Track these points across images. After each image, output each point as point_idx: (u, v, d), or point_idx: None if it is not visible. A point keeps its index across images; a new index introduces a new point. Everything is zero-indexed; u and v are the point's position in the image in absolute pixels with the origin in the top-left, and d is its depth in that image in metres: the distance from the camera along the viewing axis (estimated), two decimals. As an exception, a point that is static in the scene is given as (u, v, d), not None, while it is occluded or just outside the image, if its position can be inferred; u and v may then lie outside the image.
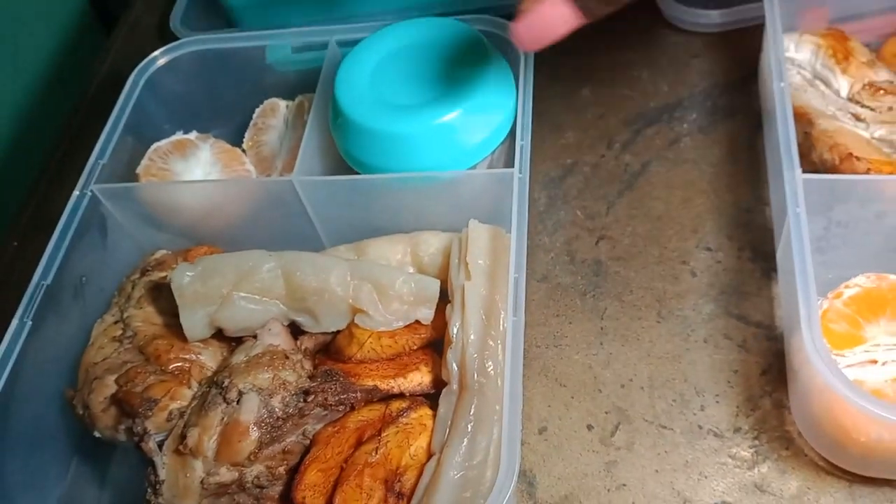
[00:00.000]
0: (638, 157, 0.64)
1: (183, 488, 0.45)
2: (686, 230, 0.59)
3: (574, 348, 0.54)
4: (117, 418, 0.48)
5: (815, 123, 0.53)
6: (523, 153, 0.51)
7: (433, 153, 0.53)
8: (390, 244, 0.55)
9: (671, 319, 0.54)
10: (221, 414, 0.46)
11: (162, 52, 0.63)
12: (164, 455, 0.46)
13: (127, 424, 0.48)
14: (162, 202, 0.56)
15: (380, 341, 0.51)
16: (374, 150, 0.54)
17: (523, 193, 0.50)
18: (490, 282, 0.49)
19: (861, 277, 0.46)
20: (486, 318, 0.48)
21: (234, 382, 0.47)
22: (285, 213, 0.55)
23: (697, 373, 0.51)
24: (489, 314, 0.48)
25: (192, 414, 0.47)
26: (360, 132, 0.54)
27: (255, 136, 0.63)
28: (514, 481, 0.39)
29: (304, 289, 0.51)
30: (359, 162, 0.56)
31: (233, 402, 0.46)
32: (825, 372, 0.39)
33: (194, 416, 0.47)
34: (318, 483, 0.45)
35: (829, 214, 0.49)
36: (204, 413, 0.46)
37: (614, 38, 0.72)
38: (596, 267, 0.58)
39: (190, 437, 0.45)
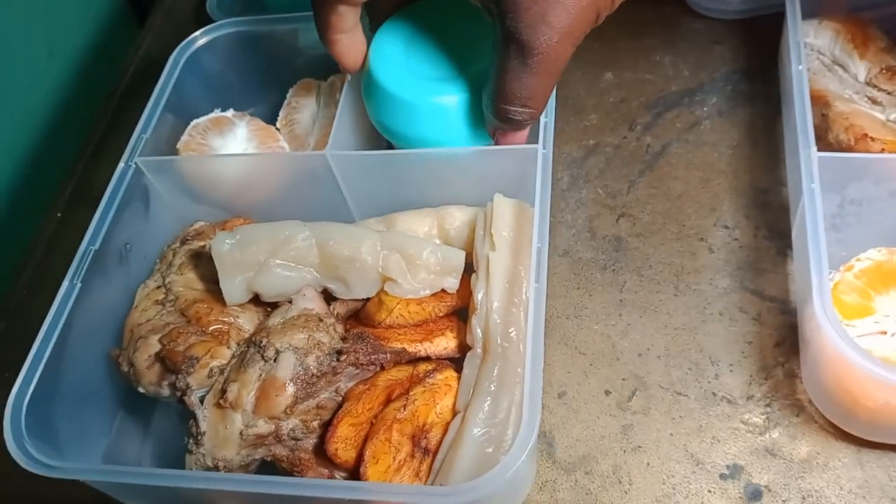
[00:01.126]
0: (658, 139, 0.66)
1: (223, 439, 0.48)
2: (704, 209, 0.61)
3: (594, 319, 0.56)
4: (161, 375, 0.51)
5: (832, 105, 0.55)
6: (547, 130, 0.53)
7: (462, 124, 0.55)
8: (418, 217, 0.58)
9: (688, 293, 0.56)
10: (260, 371, 0.49)
11: (202, 32, 0.66)
12: (206, 408, 0.49)
13: (170, 380, 0.51)
14: (201, 175, 0.59)
15: (408, 308, 0.53)
16: (407, 120, 0.56)
17: (547, 168, 0.52)
18: (514, 252, 0.52)
19: (872, 251, 0.48)
20: (510, 287, 0.50)
21: (271, 342, 0.50)
22: (318, 186, 0.58)
23: (713, 343, 0.53)
24: (513, 283, 0.50)
25: (232, 371, 0.50)
26: (396, 103, 0.56)
27: (288, 115, 0.66)
28: (534, 437, 0.41)
29: (336, 257, 0.53)
30: (392, 131, 0.57)
31: (270, 359, 0.49)
32: (834, 338, 0.41)
33: (234, 372, 0.49)
34: (349, 436, 0.47)
35: (843, 192, 0.51)
36: (243, 370, 0.49)
37: (637, 24, 0.74)
38: (616, 243, 0.60)
39: (230, 392, 0.48)
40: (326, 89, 0.66)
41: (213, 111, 0.65)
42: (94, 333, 0.54)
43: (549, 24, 0.45)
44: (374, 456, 0.46)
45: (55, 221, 0.73)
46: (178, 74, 0.64)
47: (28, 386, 0.47)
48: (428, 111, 0.55)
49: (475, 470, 0.44)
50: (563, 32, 0.46)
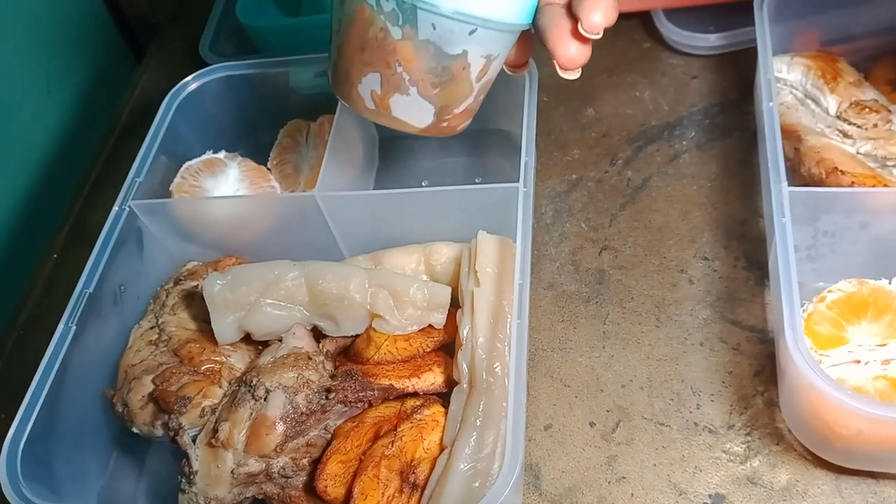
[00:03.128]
0: (639, 173, 0.67)
1: (215, 478, 0.49)
2: (684, 241, 0.62)
3: (578, 351, 0.57)
4: (154, 415, 0.52)
5: (803, 140, 0.57)
6: (527, 169, 0.55)
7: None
8: (405, 254, 0.59)
9: (669, 324, 0.57)
10: (250, 410, 0.50)
11: (193, 77, 0.68)
12: (198, 448, 0.50)
13: (163, 420, 0.52)
14: (193, 216, 0.61)
15: (395, 344, 0.54)
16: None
17: (527, 206, 0.53)
18: (497, 288, 0.53)
19: (843, 282, 0.49)
20: (494, 322, 0.51)
21: (261, 381, 0.51)
22: (308, 225, 0.59)
23: (694, 374, 0.55)
24: (497, 318, 0.52)
25: (223, 410, 0.51)
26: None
27: (279, 155, 0.68)
28: (517, 471, 0.42)
29: (325, 295, 0.55)
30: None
31: (260, 398, 0.50)
32: (805, 369, 0.42)
33: (225, 412, 0.51)
34: (338, 473, 0.48)
35: (815, 224, 0.53)
36: (234, 409, 0.50)
37: (617, 60, 0.76)
38: (599, 275, 0.61)
39: (221, 431, 0.49)
40: (315, 130, 0.68)
41: (205, 153, 0.67)
42: (90, 374, 0.55)
43: None
44: (363, 492, 0.47)
45: (52, 262, 0.74)
46: (170, 118, 0.66)
47: (24, 427, 0.48)
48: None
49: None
50: None
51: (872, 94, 0.60)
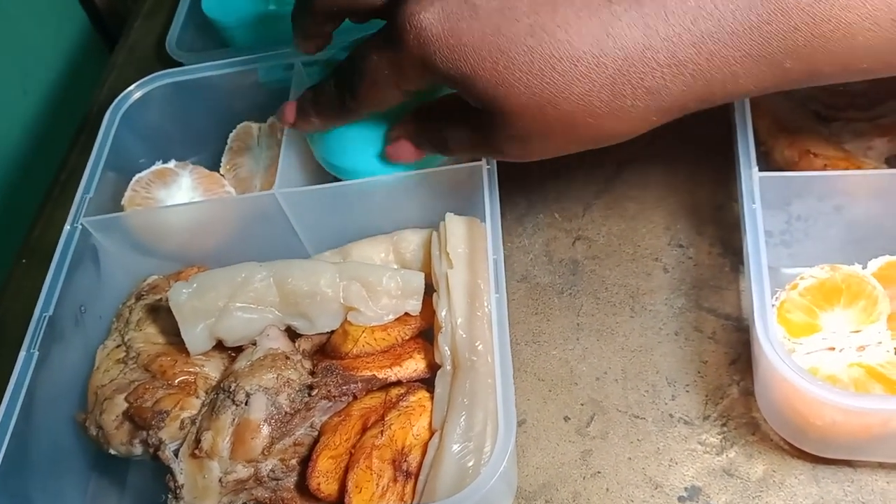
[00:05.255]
0: (614, 160, 0.66)
1: (202, 489, 0.47)
2: (659, 228, 0.61)
3: (552, 344, 0.56)
4: (131, 433, 0.51)
5: (776, 122, 0.56)
6: None
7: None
8: (373, 245, 0.58)
9: (644, 314, 0.57)
10: (232, 415, 0.48)
11: (136, 87, 0.66)
12: (181, 461, 0.48)
13: (141, 438, 0.50)
14: (149, 228, 0.59)
15: (373, 335, 0.54)
16: (348, 154, 0.57)
17: (493, 182, 0.53)
18: (470, 267, 0.52)
19: (816, 268, 0.48)
20: (471, 301, 0.51)
21: (240, 385, 0.50)
22: (270, 225, 0.58)
23: (669, 364, 0.54)
24: (473, 296, 0.51)
25: (204, 419, 0.49)
26: (333, 138, 0.57)
27: (231, 160, 0.66)
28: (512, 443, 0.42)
29: (296, 294, 0.53)
30: (336, 167, 0.59)
31: (241, 403, 0.49)
32: (776, 360, 0.41)
33: (206, 420, 0.49)
34: (329, 469, 0.47)
35: (788, 209, 0.52)
36: (215, 417, 0.49)
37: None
38: (573, 266, 0.60)
39: (204, 441, 0.48)
40: (266, 131, 0.67)
41: (155, 163, 0.65)
42: (58, 400, 0.53)
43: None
44: (357, 485, 0.46)
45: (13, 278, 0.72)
46: (115, 130, 0.64)
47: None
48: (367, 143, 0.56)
49: (458, 485, 0.45)
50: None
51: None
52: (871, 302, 0.46)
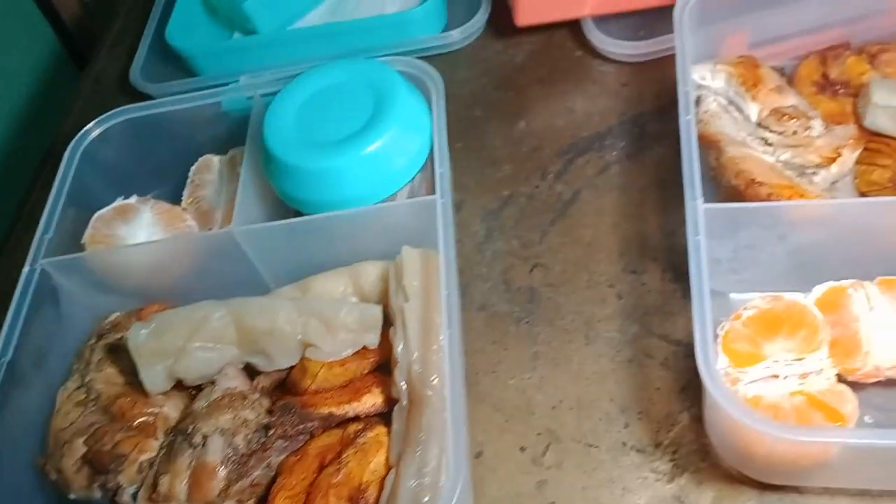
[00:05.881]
0: (570, 186, 0.67)
1: (161, 533, 0.48)
2: (614, 254, 0.62)
3: (509, 373, 0.57)
4: (91, 478, 0.51)
5: (724, 151, 0.57)
6: (443, 180, 0.55)
7: (359, 183, 0.58)
8: (332, 278, 0.59)
9: (599, 341, 0.57)
10: (189, 458, 0.49)
11: (94, 124, 0.66)
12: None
13: (100, 482, 0.50)
14: (110, 267, 0.59)
15: (331, 371, 0.54)
16: (306, 187, 0.58)
17: (447, 216, 0.54)
18: (426, 301, 0.53)
19: (758, 299, 0.49)
20: (427, 335, 0.52)
21: (197, 427, 0.50)
22: (229, 262, 0.58)
23: (622, 392, 0.55)
24: (429, 330, 0.52)
25: (162, 462, 0.50)
26: (291, 171, 0.58)
27: (193, 193, 0.67)
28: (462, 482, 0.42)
29: (254, 331, 0.54)
30: (295, 199, 0.59)
31: (198, 445, 0.49)
32: (717, 393, 0.42)
33: (163, 464, 0.50)
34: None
35: (735, 238, 0.53)
36: (172, 460, 0.49)
37: (549, 70, 0.76)
38: (530, 294, 0.61)
39: (162, 485, 0.48)
40: (227, 163, 0.67)
41: (116, 200, 0.65)
42: (19, 444, 0.53)
43: None
44: None
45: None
46: (75, 169, 0.64)
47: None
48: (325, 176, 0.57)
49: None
50: None
51: (793, 100, 0.60)
52: (812, 331, 0.48)
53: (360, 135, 0.57)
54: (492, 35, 0.79)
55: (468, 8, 0.80)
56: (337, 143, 0.57)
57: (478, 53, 0.79)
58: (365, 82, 0.60)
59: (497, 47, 0.79)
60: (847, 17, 0.66)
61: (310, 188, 0.58)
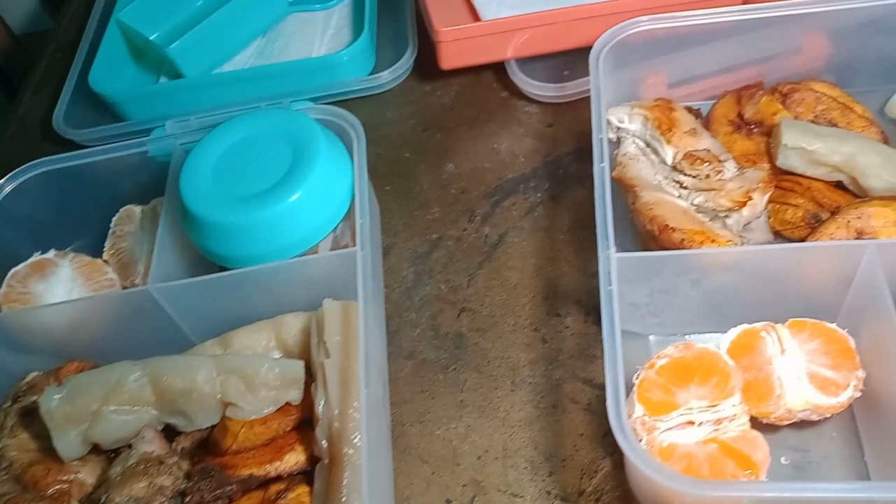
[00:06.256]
0: (496, 229, 0.67)
1: None
2: (538, 297, 0.62)
3: (436, 423, 0.57)
4: None
5: (639, 196, 0.58)
6: (363, 231, 0.55)
7: (278, 236, 0.57)
8: (255, 332, 0.58)
9: (524, 387, 0.58)
10: None
11: (7, 179, 0.65)
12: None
13: None
14: (25, 329, 0.58)
15: (252, 430, 0.53)
16: (225, 242, 0.57)
17: (366, 269, 0.53)
18: (347, 356, 0.53)
19: (670, 347, 0.50)
20: (348, 392, 0.51)
21: (111, 497, 0.49)
22: (148, 319, 0.57)
23: (547, 439, 0.55)
24: (349, 388, 0.51)
25: None
26: (208, 226, 0.57)
27: (114, 245, 0.65)
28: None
29: (172, 392, 0.53)
30: (214, 254, 0.59)
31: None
32: (627, 448, 0.43)
33: None
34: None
35: (650, 283, 0.54)
36: None
37: (477, 111, 0.76)
38: (458, 339, 0.61)
39: None
40: (149, 213, 0.66)
41: (33, 254, 0.64)
42: None
43: None
44: None
45: None
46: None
47: None
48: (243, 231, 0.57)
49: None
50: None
51: (707, 143, 0.61)
52: (724, 378, 0.48)
53: (279, 187, 0.57)
54: (421, 76, 0.80)
55: (397, 49, 0.81)
56: (255, 196, 0.57)
57: (407, 94, 0.80)
58: (283, 133, 0.59)
59: (426, 88, 0.80)
60: (761, 56, 0.69)
61: (228, 243, 0.57)
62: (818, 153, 0.59)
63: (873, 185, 0.58)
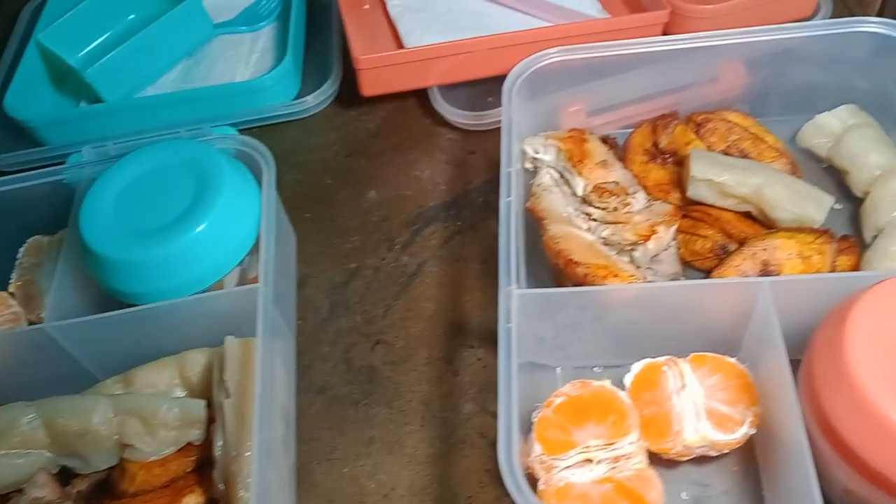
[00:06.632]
0: (415, 258, 0.67)
1: None
2: (453, 329, 0.62)
3: (344, 461, 0.56)
4: None
5: (547, 229, 0.58)
6: (266, 266, 0.54)
7: (180, 272, 0.56)
8: (159, 369, 0.57)
9: (434, 422, 0.57)
10: None
11: None
12: None
13: None
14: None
15: (151, 471, 0.52)
16: (124, 278, 0.56)
17: (267, 306, 0.52)
18: (248, 396, 0.51)
19: (568, 385, 0.50)
20: (246, 434, 0.50)
21: (-7, 548, 0.47)
22: (49, 357, 0.56)
23: (454, 475, 0.54)
24: (247, 429, 0.50)
25: None
26: (107, 263, 0.56)
27: (21, 276, 0.63)
28: None
29: (67, 434, 0.52)
30: (114, 291, 0.57)
31: None
32: (513, 491, 0.42)
33: None
34: None
35: (554, 318, 0.53)
36: None
37: (401, 138, 0.76)
38: (371, 373, 0.61)
39: None
40: (56, 244, 0.64)
41: None
42: None
43: None
44: None
45: None
46: None
47: None
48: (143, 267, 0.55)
49: None
50: None
51: (617, 176, 0.61)
52: (620, 416, 0.48)
53: (180, 222, 0.55)
54: (347, 101, 0.79)
55: (324, 74, 0.80)
56: (155, 231, 0.55)
57: (332, 120, 0.79)
58: (188, 165, 0.58)
59: (352, 113, 0.79)
60: (678, 85, 0.69)
61: (128, 280, 0.56)
62: (726, 185, 0.59)
63: (780, 216, 0.59)
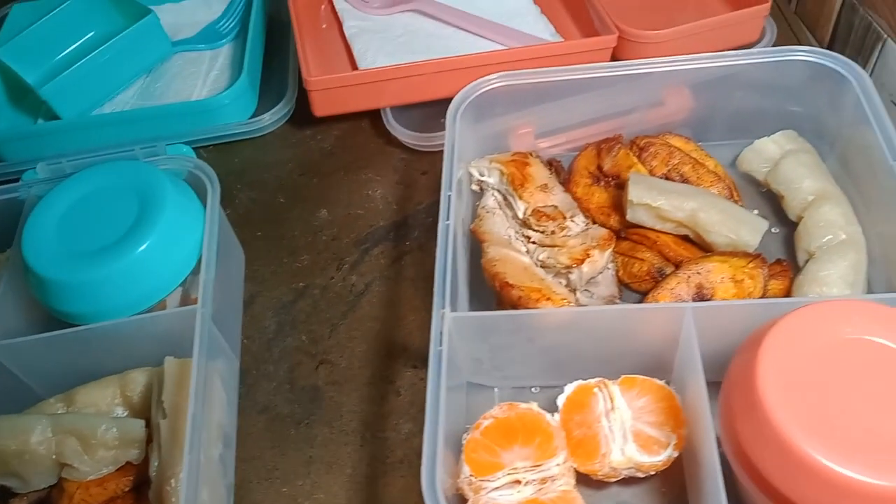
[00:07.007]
0: (363, 278, 0.68)
1: None
2: (397, 349, 0.63)
3: (283, 481, 0.57)
4: None
5: (486, 251, 0.59)
6: (206, 287, 0.55)
7: (120, 293, 0.57)
8: (101, 388, 0.57)
9: (373, 442, 0.58)
10: None
11: None
12: None
13: None
14: None
15: (88, 491, 0.53)
16: (66, 299, 0.57)
17: (204, 328, 0.53)
18: (183, 417, 0.52)
19: (496, 408, 0.51)
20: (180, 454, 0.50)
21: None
22: (-11, 375, 0.56)
23: (390, 495, 0.55)
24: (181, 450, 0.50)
25: None
26: (49, 284, 0.56)
27: None
28: None
29: (5, 453, 0.52)
30: (56, 311, 0.58)
31: None
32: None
33: None
34: None
35: (489, 341, 0.54)
36: None
37: (354, 157, 0.77)
38: (313, 393, 0.61)
39: None
40: (4, 262, 0.65)
41: None
42: None
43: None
44: None
45: None
46: None
47: None
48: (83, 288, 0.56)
49: None
50: None
51: (557, 200, 0.62)
52: (547, 438, 0.49)
53: (121, 243, 0.56)
54: (304, 120, 0.80)
55: (280, 93, 0.81)
56: (96, 252, 0.56)
57: (288, 138, 0.80)
58: (130, 186, 0.59)
59: (307, 132, 0.80)
60: (623, 109, 0.71)
61: (70, 300, 0.56)
62: (662, 209, 0.61)
63: (715, 240, 0.60)
